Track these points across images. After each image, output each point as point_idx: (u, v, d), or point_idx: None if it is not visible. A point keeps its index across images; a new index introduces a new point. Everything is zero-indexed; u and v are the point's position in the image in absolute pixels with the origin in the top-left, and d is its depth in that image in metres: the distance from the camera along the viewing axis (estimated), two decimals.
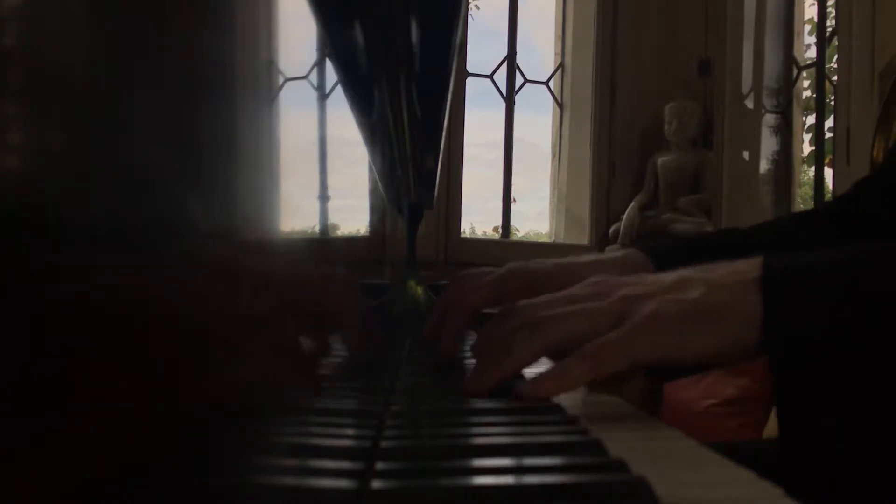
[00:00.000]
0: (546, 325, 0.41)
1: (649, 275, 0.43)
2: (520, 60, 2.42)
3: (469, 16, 2.59)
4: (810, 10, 2.50)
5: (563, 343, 0.40)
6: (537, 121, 2.86)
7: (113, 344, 0.12)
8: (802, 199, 2.84)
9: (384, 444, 0.29)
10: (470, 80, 2.34)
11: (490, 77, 2.41)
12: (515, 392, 0.39)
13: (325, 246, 0.45)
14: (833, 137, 2.14)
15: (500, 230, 2.53)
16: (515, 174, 2.47)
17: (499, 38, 2.46)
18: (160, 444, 0.14)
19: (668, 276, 0.42)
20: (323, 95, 0.44)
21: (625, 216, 2.30)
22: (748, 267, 0.39)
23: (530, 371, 0.44)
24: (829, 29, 2.28)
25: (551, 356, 0.43)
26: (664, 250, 0.57)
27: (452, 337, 0.52)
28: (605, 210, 2.40)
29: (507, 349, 0.41)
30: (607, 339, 0.38)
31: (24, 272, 0.09)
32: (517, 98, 2.42)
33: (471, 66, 2.33)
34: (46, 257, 0.10)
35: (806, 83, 2.63)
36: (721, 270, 0.40)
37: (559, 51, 2.56)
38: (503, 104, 2.42)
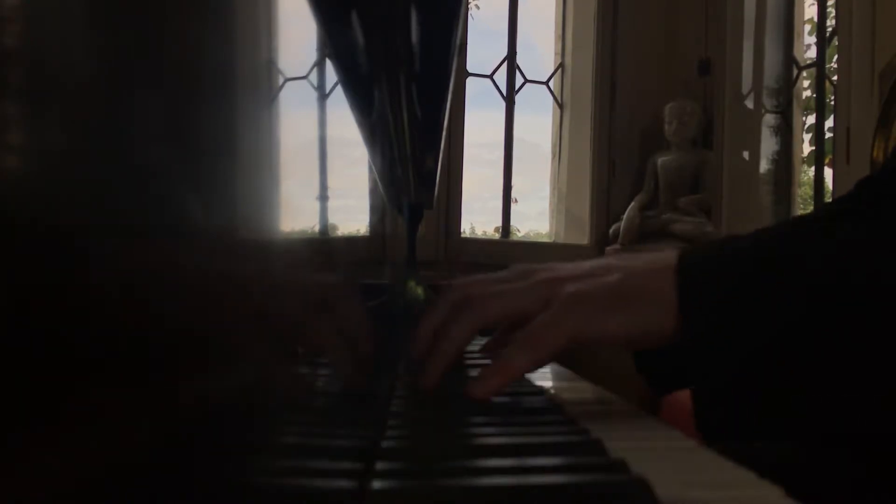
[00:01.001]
0: (478, 304, 0.43)
1: (570, 263, 0.46)
2: (520, 60, 2.42)
3: (469, 16, 2.59)
4: (810, 10, 2.50)
5: (493, 320, 0.43)
6: (537, 121, 2.86)
7: (111, 344, 0.12)
8: (802, 199, 2.84)
9: (384, 444, 0.29)
10: (470, 80, 2.34)
11: (490, 77, 2.41)
12: (464, 394, 0.39)
13: (324, 246, 0.45)
14: (833, 137, 2.14)
15: (500, 230, 2.53)
16: (516, 174, 2.47)
17: (499, 38, 2.46)
18: (160, 444, 0.14)
19: (591, 262, 0.44)
20: (323, 95, 0.44)
21: (625, 216, 2.30)
22: (667, 256, 0.41)
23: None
24: (829, 29, 2.28)
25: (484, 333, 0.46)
26: None
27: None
28: (605, 210, 2.40)
29: (446, 333, 0.43)
30: (537, 323, 0.40)
31: (23, 272, 0.09)
32: (517, 98, 2.42)
33: (471, 66, 2.33)
34: (45, 257, 0.10)
35: (806, 83, 2.63)
36: (642, 258, 0.43)
37: (559, 51, 2.56)
38: (503, 104, 2.42)
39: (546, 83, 2.52)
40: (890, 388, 0.35)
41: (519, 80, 2.42)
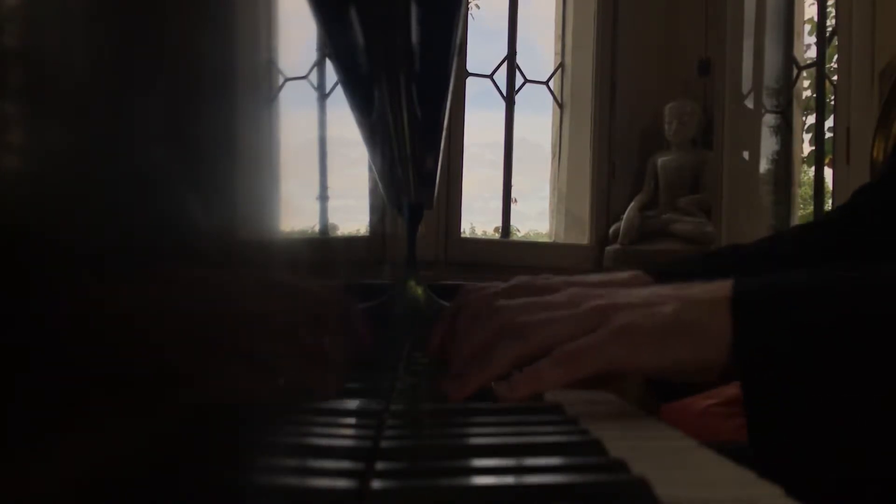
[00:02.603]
0: (527, 332, 0.42)
1: (624, 289, 0.45)
2: (520, 60, 2.42)
3: (469, 16, 2.59)
4: (810, 10, 2.50)
5: (542, 350, 0.42)
6: (537, 121, 2.86)
7: (111, 345, 0.12)
8: (802, 199, 2.84)
9: (384, 444, 0.29)
10: (470, 80, 2.34)
11: (490, 77, 2.41)
12: (493, 392, 0.40)
13: (324, 246, 0.45)
14: (833, 137, 2.14)
15: (500, 230, 2.53)
16: (516, 174, 2.47)
17: (499, 38, 2.45)
18: (159, 444, 0.14)
19: (643, 291, 0.44)
20: (323, 95, 0.44)
21: (625, 216, 2.30)
22: (722, 286, 0.41)
23: None
24: (829, 29, 2.28)
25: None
26: (667, 271, 0.59)
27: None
28: (605, 210, 2.40)
29: (488, 355, 0.42)
30: (580, 344, 0.40)
31: (22, 273, 0.09)
32: (517, 98, 2.42)
33: (471, 66, 2.33)
34: (45, 258, 0.10)
35: (806, 83, 2.63)
36: (695, 288, 0.42)
37: (559, 51, 2.55)
38: (503, 104, 2.41)
39: (546, 83, 2.52)
40: None
41: (519, 80, 2.42)
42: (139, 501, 0.12)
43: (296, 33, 0.33)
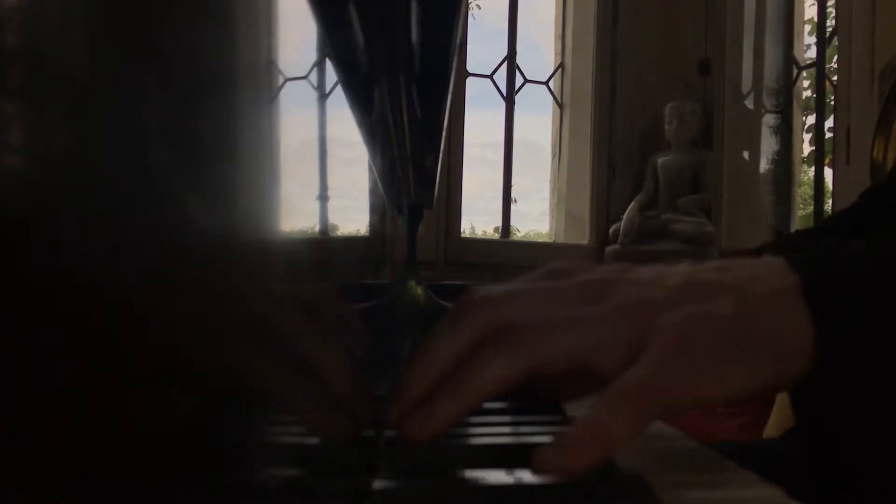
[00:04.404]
0: (527, 342, 0.29)
1: (650, 268, 0.33)
2: (520, 60, 2.42)
3: (470, 16, 2.59)
4: (810, 10, 2.50)
5: (550, 367, 0.29)
6: (537, 121, 2.86)
7: (110, 344, 0.12)
8: (802, 199, 2.84)
9: (384, 444, 0.29)
10: (470, 80, 2.34)
11: (490, 77, 2.41)
12: (534, 464, 0.26)
13: (324, 246, 0.45)
14: (833, 137, 2.14)
15: (500, 230, 2.53)
16: (517, 174, 2.47)
17: (499, 38, 2.46)
18: (159, 444, 0.14)
19: (684, 271, 0.32)
20: (323, 95, 0.44)
21: (625, 216, 2.30)
22: (780, 270, 0.31)
23: None
24: (829, 29, 2.28)
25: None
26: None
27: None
28: (605, 210, 2.40)
29: (463, 375, 0.29)
30: (635, 383, 0.27)
31: (21, 273, 0.09)
32: (517, 98, 2.42)
33: (471, 66, 2.33)
34: (44, 258, 0.10)
35: (806, 83, 2.63)
36: (747, 270, 0.31)
37: (559, 51, 2.55)
38: (503, 104, 2.41)
39: (546, 83, 2.52)
40: None
41: (519, 80, 2.42)
42: (139, 501, 0.12)
43: (296, 33, 0.33)
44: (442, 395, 0.28)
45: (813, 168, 2.52)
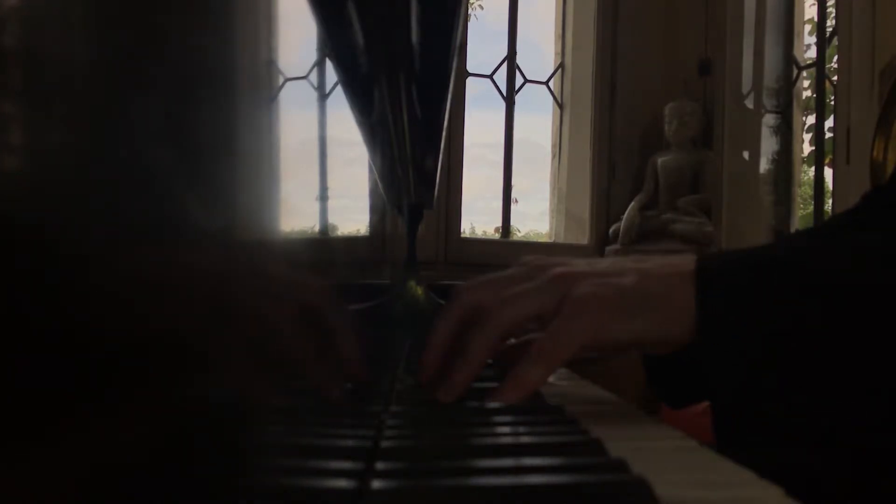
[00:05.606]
0: (491, 317, 0.41)
1: (583, 259, 0.44)
2: (520, 60, 2.42)
3: (472, 16, 2.59)
4: (810, 10, 2.50)
5: (509, 329, 0.41)
6: (537, 121, 2.86)
7: (110, 343, 0.12)
8: (802, 199, 2.84)
9: (384, 444, 0.29)
10: (470, 80, 2.34)
11: (490, 77, 2.40)
12: (486, 398, 0.39)
13: (324, 246, 0.45)
14: (833, 137, 2.14)
15: (500, 230, 2.53)
16: (517, 174, 2.47)
17: (499, 38, 2.45)
18: (160, 444, 0.14)
19: (606, 261, 0.43)
20: (323, 95, 0.44)
21: (625, 216, 2.30)
22: (683, 260, 0.40)
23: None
24: (829, 29, 2.28)
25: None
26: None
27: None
28: (605, 210, 2.40)
29: (462, 351, 0.41)
30: (549, 334, 0.39)
31: (21, 273, 0.09)
32: (517, 98, 2.42)
33: (471, 66, 2.33)
34: (44, 258, 0.10)
35: (806, 83, 2.62)
36: (656, 261, 0.41)
37: (559, 51, 2.55)
38: (503, 104, 2.41)
39: (546, 83, 2.52)
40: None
41: (519, 80, 2.42)
42: (140, 501, 0.12)
43: (296, 33, 0.33)
44: (454, 367, 0.40)
45: (813, 168, 2.51)
